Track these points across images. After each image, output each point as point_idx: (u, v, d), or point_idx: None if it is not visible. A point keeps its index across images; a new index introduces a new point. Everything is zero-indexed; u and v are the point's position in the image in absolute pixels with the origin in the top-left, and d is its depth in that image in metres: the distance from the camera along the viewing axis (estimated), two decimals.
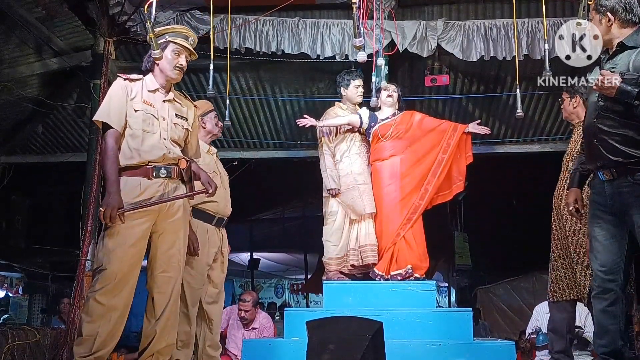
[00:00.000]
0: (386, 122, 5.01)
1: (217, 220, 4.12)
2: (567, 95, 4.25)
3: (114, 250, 3.17)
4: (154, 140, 3.31)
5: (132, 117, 3.30)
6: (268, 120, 8.05)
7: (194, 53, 3.53)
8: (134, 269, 3.24)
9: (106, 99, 3.36)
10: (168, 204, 3.32)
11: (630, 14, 3.08)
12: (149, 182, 3.27)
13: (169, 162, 3.35)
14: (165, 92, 3.46)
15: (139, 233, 3.23)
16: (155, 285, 3.34)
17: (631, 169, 2.98)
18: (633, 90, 2.85)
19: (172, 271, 3.36)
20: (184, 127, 3.49)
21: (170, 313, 3.37)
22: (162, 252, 3.35)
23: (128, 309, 3.27)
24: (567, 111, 4.27)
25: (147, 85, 3.42)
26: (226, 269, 4.29)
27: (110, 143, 3.24)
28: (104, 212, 3.10)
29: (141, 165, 3.27)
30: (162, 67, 3.42)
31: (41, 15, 6.18)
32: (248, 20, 6.45)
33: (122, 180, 3.23)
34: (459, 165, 5.01)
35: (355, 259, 4.84)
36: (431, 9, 6.86)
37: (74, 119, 7.98)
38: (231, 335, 6.21)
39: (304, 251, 13.79)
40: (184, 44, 3.45)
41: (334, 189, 4.92)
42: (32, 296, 12.87)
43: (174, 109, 3.47)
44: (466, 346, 4.15)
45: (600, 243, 3.16)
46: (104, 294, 3.15)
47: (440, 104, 7.74)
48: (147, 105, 3.35)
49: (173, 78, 3.45)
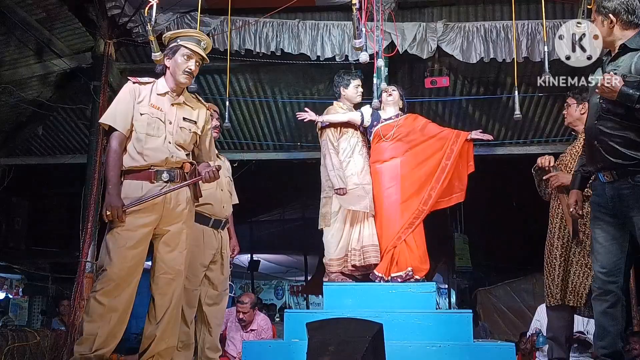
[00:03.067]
0: (389, 123, 5.00)
1: (214, 222, 4.11)
2: (574, 101, 4.14)
3: (115, 252, 3.18)
4: (157, 144, 3.32)
5: (137, 121, 3.31)
6: (268, 121, 8.06)
7: (205, 58, 3.51)
8: (134, 270, 3.24)
9: (114, 101, 3.38)
10: (172, 204, 3.32)
11: (632, 16, 3.08)
12: (150, 186, 3.28)
13: (172, 166, 3.35)
14: (176, 95, 3.46)
15: (140, 235, 3.24)
16: (156, 287, 3.35)
17: (632, 171, 2.99)
18: (635, 94, 2.85)
19: (173, 273, 3.36)
20: (192, 130, 3.49)
21: (172, 315, 3.37)
22: (164, 254, 3.36)
23: (129, 311, 3.27)
24: (573, 117, 4.15)
25: (158, 89, 3.43)
26: (227, 271, 4.28)
27: (114, 145, 3.26)
28: (111, 213, 3.12)
29: (144, 168, 3.28)
30: (172, 71, 3.42)
31: (41, 17, 6.19)
32: (248, 21, 6.45)
33: (125, 183, 3.25)
34: (460, 174, 4.96)
35: (357, 259, 4.81)
36: (431, 10, 6.87)
37: (74, 120, 7.99)
38: (230, 337, 6.21)
39: (304, 253, 13.80)
40: (195, 48, 3.42)
41: (342, 188, 4.83)
42: (32, 298, 12.88)
43: (183, 113, 3.47)
44: (466, 348, 4.14)
45: (601, 245, 3.16)
46: (104, 294, 3.16)
47: (440, 105, 7.75)
48: (154, 109, 3.35)
49: (182, 82, 3.44)
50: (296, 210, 13.39)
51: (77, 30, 6.55)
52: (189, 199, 3.46)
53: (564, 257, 3.91)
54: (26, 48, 6.48)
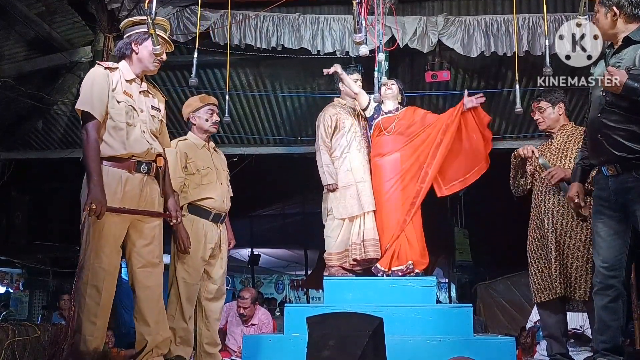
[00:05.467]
0: (389, 116, 5.00)
1: (214, 215, 4.11)
2: (548, 104, 4.08)
3: (97, 245, 3.14)
4: (136, 134, 3.26)
5: (114, 109, 3.20)
6: (268, 116, 8.05)
7: (171, 44, 3.47)
8: (116, 263, 3.22)
9: (86, 86, 3.22)
10: (147, 200, 3.29)
11: (636, 9, 3.06)
12: (130, 176, 3.22)
13: (150, 158, 3.32)
14: (140, 81, 3.39)
15: (118, 228, 3.20)
16: (137, 281, 3.31)
17: (636, 164, 2.97)
18: (639, 87, 2.84)
19: (151, 266, 3.33)
20: (159, 118, 3.45)
21: (158, 307, 3.35)
22: (141, 248, 3.31)
23: (111, 302, 3.24)
24: (550, 119, 4.08)
25: (124, 75, 3.31)
26: (225, 265, 4.28)
27: (92, 135, 3.12)
28: (95, 208, 3.01)
29: (125, 157, 3.21)
30: (141, 57, 3.32)
31: (41, 11, 6.18)
32: (248, 16, 6.44)
33: (104, 170, 3.14)
34: (475, 146, 4.89)
35: (358, 253, 4.82)
36: (432, 4, 6.85)
37: (74, 114, 7.97)
38: (230, 332, 6.22)
39: (304, 247, 13.79)
40: (164, 35, 3.39)
41: (331, 184, 4.90)
42: (32, 292, 12.89)
43: (149, 100, 3.41)
44: (466, 342, 4.14)
45: (603, 239, 3.15)
46: (92, 289, 3.14)
47: (441, 99, 7.73)
48: (128, 97, 3.27)
49: (151, 70, 3.38)
50: (296, 204, 13.39)
51: (77, 24, 6.54)
52: (159, 194, 3.41)
53: (560, 249, 3.86)
54: (26, 42, 6.47)
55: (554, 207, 3.91)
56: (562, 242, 3.85)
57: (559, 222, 3.87)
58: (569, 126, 4.11)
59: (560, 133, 4.08)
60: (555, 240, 3.85)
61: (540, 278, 3.93)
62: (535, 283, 3.96)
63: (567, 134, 4.04)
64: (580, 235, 3.80)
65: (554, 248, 3.84)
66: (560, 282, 3.81)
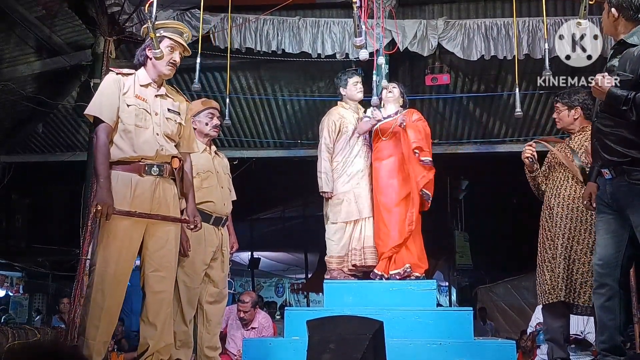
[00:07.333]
0: (387, 121, 5.00)
1: (215, 219, 4.11)
2: (565, 107, 4.07)
3: (106, 249, 3.15)
4: (147, 136, 3.28)
5: (124, 112, 3.26)
6: (268, 119, 8.06)
7: (187, 49, 3.50)
8: (125, 268, 3.22)
9: (98, 93, 3.30)
10: (160, 202, 3.28)
11: (635, 13, 3.05)
12: (140, 179, 3.24)
13: (162, 160, 3.33)
14: (157, 87, 3.42)
15: (130, 232, 3.21)
16: (147, 285, 3.32)
17: (627, 169, 2.98)
18: (621, 96, 2.85)
19: (164, 271, 3.33)
20: (177, 121, 3.46)
21: (166, 313, 3.35)
22: (153, 252, 3.31)
23: (119, 308, 3.25)
24: (565, 122, 4.10)
25: (140, 80, 3.38)
26: (227, 268, 4.28)
27: (102, 138, 3.18)
28: (101, 210, 3.04)
29: (134, 160, 3.24)
30: (155, 62, 3.37)
31: (41, 14, 6.19)
32: (248, 19, 6.44)
33: (114, 175, 3.19)
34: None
35: (358, 259, 4.83)
36: (432, 8, 6.86)
37: (74, 118, 8.00)
38: (230, 335, 6.21)
39: (304, 250, 13.81)
40: (179, 39, 3.41)
41: (326, 192, 4.92)
42: (32, 295, 12.88)
43: (167, 104, 3.44)
44: (467, 345, 4.14)
45: (601, 237, 3.17)
46: (98, 292, 3.14)
47: (441, 103, 7.74)
48: (140, 100, 3.31)
49: (165, 74, 3.41)
50: (296, 207, 13.41)
51: (77, 27, 6.55)
52: (175, 195, 3.42)
53: (567, 254, 3.85)
54: (26, 45, 6.49)
55: (563, 212, 3.91)
56: (570, 246, 3.85)
57: (568, 226, 3.87)
58: (589, 127, 4.07)
59: (579, 135, 4.05)
60: (563, 245, 3.85)
61: (550, 278, 3.91)
62: (543, 284, 3.95)
63: (586, 137, 3.99)
64: (588, 240, 3.80)
65: (562, 252, 3.85)
66: (563, 287, 3.81)
